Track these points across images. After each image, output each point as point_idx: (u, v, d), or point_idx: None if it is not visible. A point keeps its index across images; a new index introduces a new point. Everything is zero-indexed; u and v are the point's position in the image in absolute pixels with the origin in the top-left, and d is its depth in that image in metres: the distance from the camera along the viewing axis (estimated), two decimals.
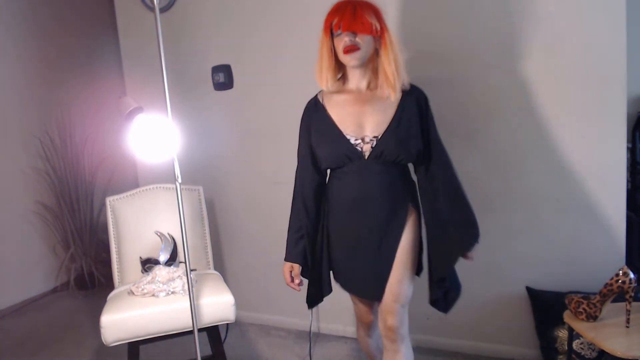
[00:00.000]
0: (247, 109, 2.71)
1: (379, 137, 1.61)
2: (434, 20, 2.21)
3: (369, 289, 1.71)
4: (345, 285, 1.77)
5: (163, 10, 2.76)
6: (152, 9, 2.80)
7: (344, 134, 1.62)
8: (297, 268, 1.75)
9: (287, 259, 1.76)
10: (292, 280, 1.76)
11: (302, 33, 2.46)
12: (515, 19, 2.07)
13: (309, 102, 1.76)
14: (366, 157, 1.62)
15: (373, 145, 1.61)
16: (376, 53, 1.63)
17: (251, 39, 2.61)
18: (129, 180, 3.44)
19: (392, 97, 1.61)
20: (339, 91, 1.69)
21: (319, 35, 1.65)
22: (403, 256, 1.68)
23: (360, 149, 1.62)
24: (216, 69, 2.71)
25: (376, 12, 1.59)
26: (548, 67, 2.05)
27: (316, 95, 1.75)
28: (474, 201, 2.26)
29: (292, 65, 2.53)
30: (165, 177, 2.19)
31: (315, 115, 1.71)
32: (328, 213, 1.74)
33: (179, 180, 1.74)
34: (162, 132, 1.79)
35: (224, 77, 2.70)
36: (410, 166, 1.77)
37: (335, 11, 1.59)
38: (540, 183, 2.14)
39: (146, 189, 2.43)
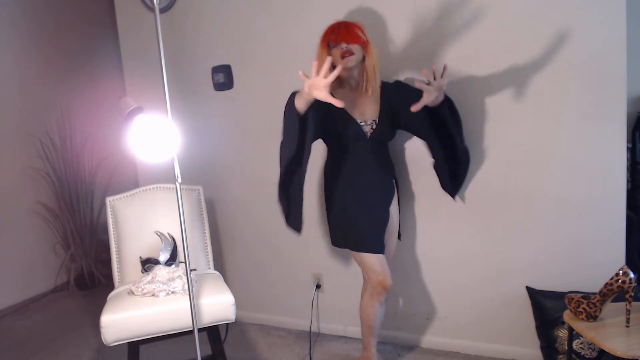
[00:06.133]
0: (247, 109, 2.71)
1: (377, 120, 2.08)
2: (434, 20, 2.21)
3: (381, 242, 2.10)
4: (372, 245, 2.06)
5: (163, 10, 2.76)
6: (152, 9, 2.80)
7: (353, 118, 2.06)
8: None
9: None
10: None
11: (302, 33, 2.46)
12: (515, 19, 2.08)
13: None
14: (368, 136, 2.08)
15: (373, 127, 2.08)
16: (363, 60, 2.04)
17: (251, 39, 2.62)
18: (129, 180, 3.44)
19: (370, 93, 2.07)
20: (340, 88, 2.10)
21: (318, 44, 2.02)
22: (395, 227, 2.21)
23: (365, 130, 2.07)
24: (216, 69, 2.72)
25: (361, 29, 2.02)
26: (548, 67, 2.05)
27: None
28: (474, 201, 2.27)
29: (291, 66, 2.53)
30: (165, 177, 2.20)
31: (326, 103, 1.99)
32: (337, 185, 2.11)
33: (179, 180, 1.74)
34: (162, 132, 1.79)
35: (224, 77, 2.70)
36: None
37: (330, 31, 2.02)
38: (540, 183, 2.14)
39: (146, 189, 2.43)
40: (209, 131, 2.82)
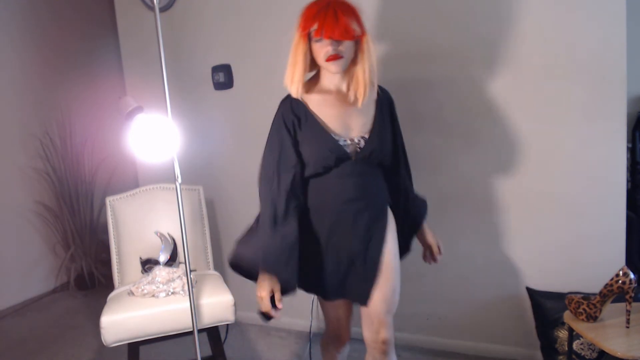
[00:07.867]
0: (247, 109, 2.71)
1: (367, 137, 1.56)
2: (434, 21, 2.21)
3: (358, 291, 1.60)
4: (331, 293, 1.64)
5: (163, 10, 2.76)
6: (152, 9, 2.80)
7: (332, 135, 1.53)
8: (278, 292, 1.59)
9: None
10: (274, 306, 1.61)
11: None
12: (514, 19, 2.07)
13: (286, 100, 1.60)
14: (354, 158, 1.55)
15: (361, 146, 1.55)
16: (355, 55, 1.53)
17: (251, 39, 2.61)
18: (129, 180, 3.44)
19: (359, 103, 1.54)
20: (318, 91, 1.58)
21: (295, 28, 1.53)
22: (393, 262, 1.61)
23: (348, 151, 1.54)
24: (216, 69, 2.71)
25: (356, 15, 1.49)
26: (548, 67, 2.05)
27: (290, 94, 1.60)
28: (474, 201, 2.27)
29: None
30: (165, 177, 2.19)
31: (298, 115, 1.57)
32: (310, 219, 1.60)
33: (179, 180, 1.74)
34: (162, 132, 1.79)
35: (224, 77, 2.70)
36: None
37: (314, 16, 1.45)
38: (540, 183, 2.14)
39: (146, 189, 2.43)
40: (209, 131, 2.82)
